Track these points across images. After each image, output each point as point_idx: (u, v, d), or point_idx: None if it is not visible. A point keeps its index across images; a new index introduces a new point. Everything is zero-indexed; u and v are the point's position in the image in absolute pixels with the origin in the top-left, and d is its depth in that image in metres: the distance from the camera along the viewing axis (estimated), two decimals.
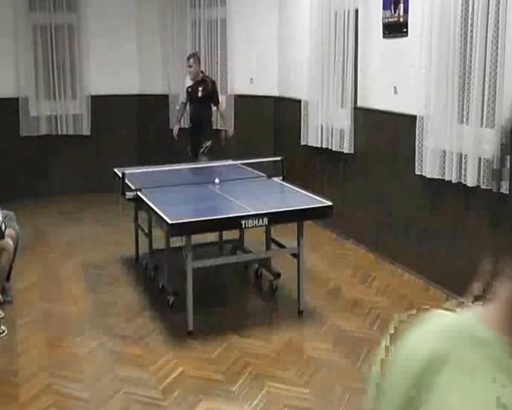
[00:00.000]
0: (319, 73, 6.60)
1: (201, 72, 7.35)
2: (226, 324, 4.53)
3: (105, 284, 5.41)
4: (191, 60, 7.24)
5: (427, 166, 5.02)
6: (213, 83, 7.44)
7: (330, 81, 6.44)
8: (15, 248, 4.80)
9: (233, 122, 8.19)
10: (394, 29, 5.57)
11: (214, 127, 7.68)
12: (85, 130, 8.47)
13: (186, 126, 7.62)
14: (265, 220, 4.33)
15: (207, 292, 5.08)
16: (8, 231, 4.70)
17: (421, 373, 0.68)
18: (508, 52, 4.19)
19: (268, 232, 5.24)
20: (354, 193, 6.36)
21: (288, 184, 5.26)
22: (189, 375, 3.83)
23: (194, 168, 5.75)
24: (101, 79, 8.43)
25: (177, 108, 7.72)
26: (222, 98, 7.73)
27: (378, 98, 5.93)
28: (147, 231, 5.50)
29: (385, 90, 5.76)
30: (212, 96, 7.31)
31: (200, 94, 7.22)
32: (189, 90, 7.31)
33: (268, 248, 5.28)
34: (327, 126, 6.58)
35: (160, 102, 8.59)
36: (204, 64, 8.30)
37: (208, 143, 7.20)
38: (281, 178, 5.46)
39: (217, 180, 5.26)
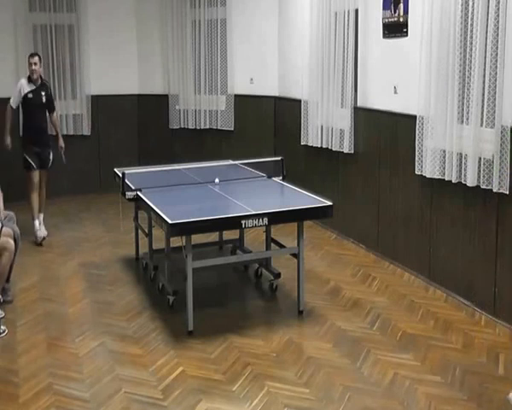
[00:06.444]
0: (319, 73, 6.60)
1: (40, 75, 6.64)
2: (226, 324, 4.53)
3: (105, 283, 5.41)
4: (36, 58, 6.49)
5: (427, 166, 5.02)
6: (50, 88, 6.84)
7: (330, 81, 6.44)
8: (15, 249, 4.79)
9: (233, 122, 8.21)
10: (394, 29, 5.58)
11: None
12: (85, 130, 8.49)
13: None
14: (265, 220, 4.33)
15: (207, 292, 5.08)
16: (7, 232, 4.70)
17: None
18: (508, 52, 4.20)
19: (268, 232, 5.25)
20: (354, 193, 6.36)
21: (287, 184, 5.26)
22: (189, 375, 3.83)
23: (194, 168, 5.75)
24: (101, 78, 8.44)
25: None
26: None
27: (378, 98, 5.93)
28: (147, 231, 5.50)
29: (385, 90, 5.76)
30: (50, 102, 6.71)
31: (44, 100, 6.57)
32: (30, 95, 6.50)
33: (268, 248, 5.28)
34: (327, 126, 6.58)
35: (159, 102, 8.60)
36: (204, 64, 8.32)
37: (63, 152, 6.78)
38: (281, 178, 5.46)
39: (217, 180, 5.26)
